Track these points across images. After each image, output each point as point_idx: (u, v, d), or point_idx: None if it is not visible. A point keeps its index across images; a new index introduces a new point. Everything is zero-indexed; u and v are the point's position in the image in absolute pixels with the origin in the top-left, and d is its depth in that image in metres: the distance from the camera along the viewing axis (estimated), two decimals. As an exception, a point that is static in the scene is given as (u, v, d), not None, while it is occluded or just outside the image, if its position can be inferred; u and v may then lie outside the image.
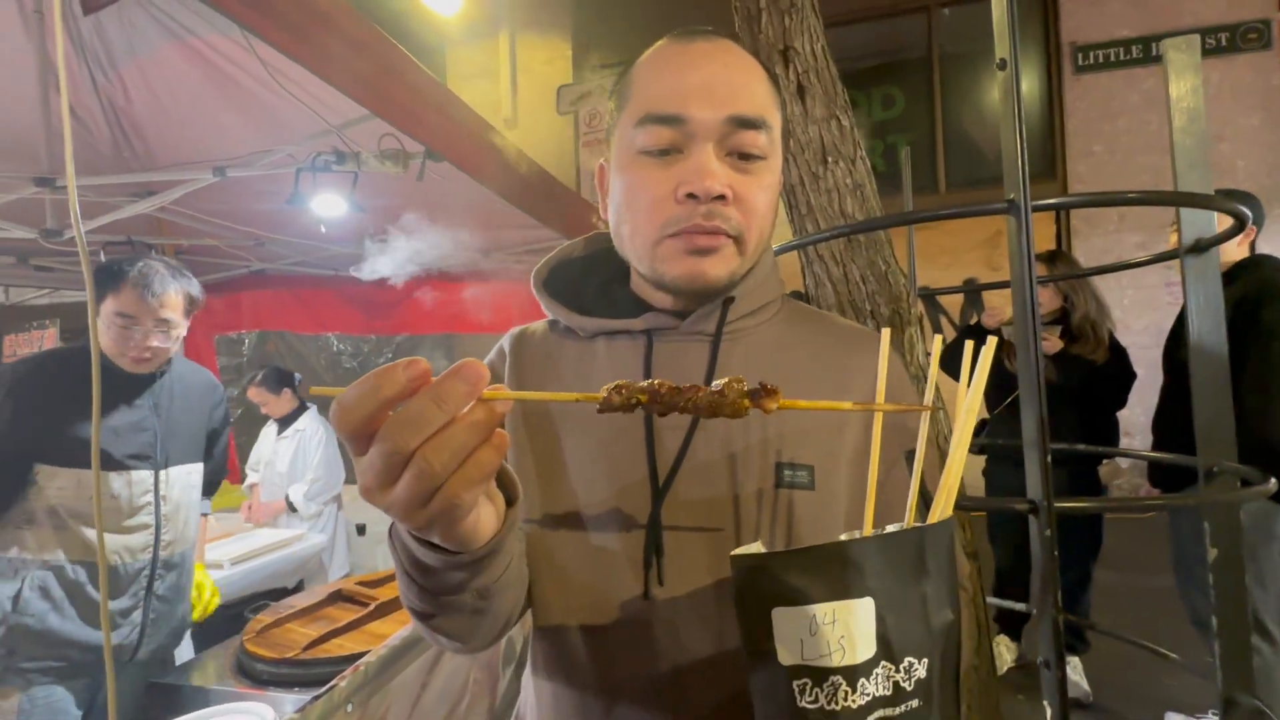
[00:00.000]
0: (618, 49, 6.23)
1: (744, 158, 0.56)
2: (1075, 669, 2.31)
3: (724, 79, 0.55)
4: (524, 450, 0.61)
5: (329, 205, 1.81)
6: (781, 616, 0.42)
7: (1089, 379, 2.26)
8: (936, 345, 0.50)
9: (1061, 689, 0.66)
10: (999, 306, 2.46)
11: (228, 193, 2.11)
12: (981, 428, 2.55)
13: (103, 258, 2.30)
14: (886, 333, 0.50)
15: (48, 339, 4.09)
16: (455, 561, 0.41)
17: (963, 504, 0.64)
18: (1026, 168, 0.70)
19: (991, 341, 0.46)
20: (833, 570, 0.42)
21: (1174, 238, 2.04)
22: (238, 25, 1.26)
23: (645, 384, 0.39)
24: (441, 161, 1.69)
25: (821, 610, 0.41)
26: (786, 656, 0.42)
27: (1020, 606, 1.37)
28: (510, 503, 0.43)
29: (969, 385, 0.45)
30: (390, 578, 1.92)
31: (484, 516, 0.40)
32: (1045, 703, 0.69)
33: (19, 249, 2.52)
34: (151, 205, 1.95)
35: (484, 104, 6.17)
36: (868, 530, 0.47)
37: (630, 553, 0.56)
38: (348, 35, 1.40)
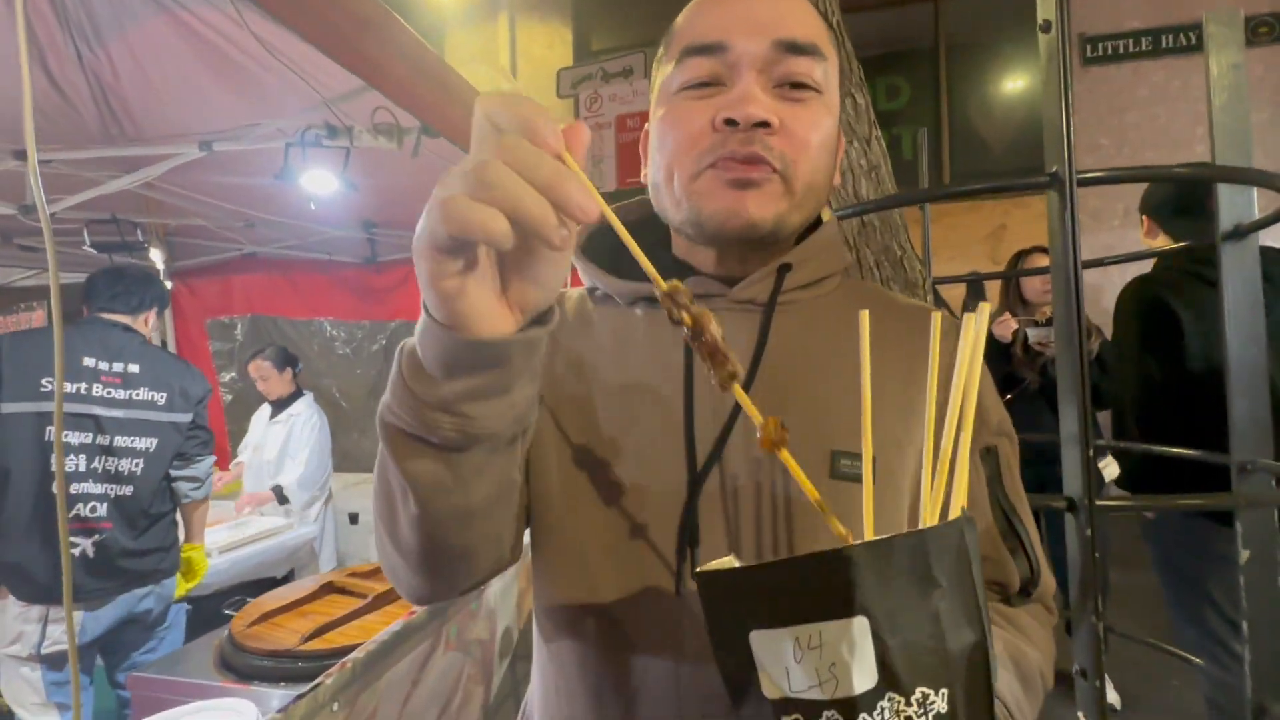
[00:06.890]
0: (618, 32, 6.13)
1: (795, 86, 0.51)
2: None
3: (769, 5, 0.51)
4: (549, 432, 0.55)
5: (320, 182, 1.75)
6: (760, 641, 0.36)
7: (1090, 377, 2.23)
8: (984, 311, 0.45)
9: (1100, 700, 0.61)
10: (1008, 319, 2.41)
11: (216, 169, 2.04)
12: None
13: (86, 235, 2.23)
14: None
15: (36, 320, 4.01)
16: (464, 350, 0.37)
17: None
18: (1072, 138, 0.64)
19: (984, 307, 0.43)
20: (813, 585, 0.35)
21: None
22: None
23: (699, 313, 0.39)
24: (438, 138, 1.63)
25: (802, 633, 0.35)
26: (771, 689, 0.36)
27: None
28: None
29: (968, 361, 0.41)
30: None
31: (501, 312, 0.37)
32: (1080, 714, 0.64)
33: (1, 228, 2.45)
34: (136, 180, 1.88)
35: (483, 88, 6.07)
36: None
37: (662, 544, 0.51)
38: (346, 6, 1.34)
